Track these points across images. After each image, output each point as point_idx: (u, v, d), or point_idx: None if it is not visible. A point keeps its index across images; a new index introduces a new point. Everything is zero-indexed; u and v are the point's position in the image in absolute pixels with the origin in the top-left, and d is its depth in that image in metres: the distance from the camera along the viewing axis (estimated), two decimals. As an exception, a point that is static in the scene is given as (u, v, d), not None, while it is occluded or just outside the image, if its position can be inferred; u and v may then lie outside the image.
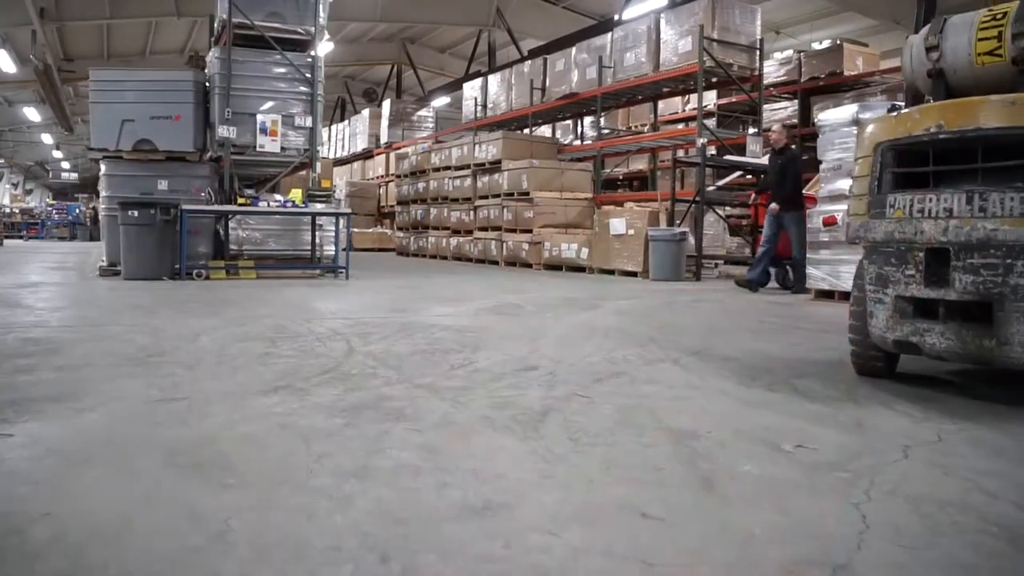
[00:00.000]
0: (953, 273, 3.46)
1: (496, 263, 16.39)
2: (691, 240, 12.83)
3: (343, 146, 29.81)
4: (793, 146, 10.98)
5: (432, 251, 19.61)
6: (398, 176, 22.42)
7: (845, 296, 8.81)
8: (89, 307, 7.14)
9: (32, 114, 32.82)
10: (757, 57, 14.29)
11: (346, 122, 30.40)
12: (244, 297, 8.20)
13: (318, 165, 12.22)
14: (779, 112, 18.71)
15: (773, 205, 10.35)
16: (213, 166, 11.82)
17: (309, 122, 11.86)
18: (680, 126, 21.01)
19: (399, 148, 25.45)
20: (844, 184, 8.82)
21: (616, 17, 18.32)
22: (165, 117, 11.54)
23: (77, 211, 38.43)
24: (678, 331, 6.05)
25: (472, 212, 17.66)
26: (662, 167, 20.66)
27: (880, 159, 3.87)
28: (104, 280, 10.46)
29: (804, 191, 11.12)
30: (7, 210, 41.85)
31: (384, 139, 26.44)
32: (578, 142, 21.35)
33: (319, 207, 11.53)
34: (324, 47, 12.38)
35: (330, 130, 30.83)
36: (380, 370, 4.12)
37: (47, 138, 40.23)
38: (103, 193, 11.56)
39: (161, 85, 11.88)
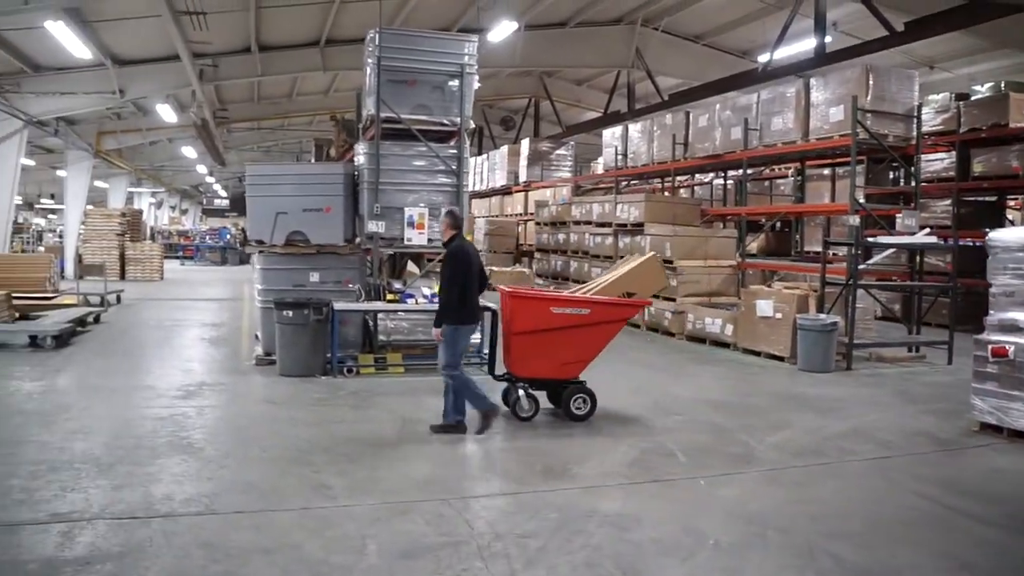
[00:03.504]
0: None
1: (638, 326, 16.28)
2: (841, 325, 12.39)
3: (481, 179, 30.15)
4: (460, 237, 8.38)
5: (571, 304, 19.61)
6: (537, 223, 22.52)
7: (1015, 434, 8.21)
8: (250, 454, 7.42)
9: (189, 151, 34.75)
10: (914, 126, 13.60)
11: (484, 156, 30.74)
12: (396, 431, 8.37)
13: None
14: (934, 164, 17.74)
15: (435, 330, 8.11)
16: (362, 256, 12.16)
17: (455, 213, 12.04)
18: (826, 172, 20.34)
19: (537, 188, 25.58)
20: (1017, 314, 8.26)
21: (768, 57, 17.68)
22: (316, 210, 11.97)
23: (228, 236, 40.42)
24: (834, 530, 5.82)
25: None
26: (809, 213, 20.07)
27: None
28: (260, 376, 10.99)
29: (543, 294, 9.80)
30: (167, 232, 44.50)
31: (523, 177, 26.60)
32: (720, 183, 20.99)
33: (465, 302, 11.66)
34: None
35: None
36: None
37: (201, 168, 42.53)
38: (258, 286, 12.06)
39: (313, 179, 12.40)
